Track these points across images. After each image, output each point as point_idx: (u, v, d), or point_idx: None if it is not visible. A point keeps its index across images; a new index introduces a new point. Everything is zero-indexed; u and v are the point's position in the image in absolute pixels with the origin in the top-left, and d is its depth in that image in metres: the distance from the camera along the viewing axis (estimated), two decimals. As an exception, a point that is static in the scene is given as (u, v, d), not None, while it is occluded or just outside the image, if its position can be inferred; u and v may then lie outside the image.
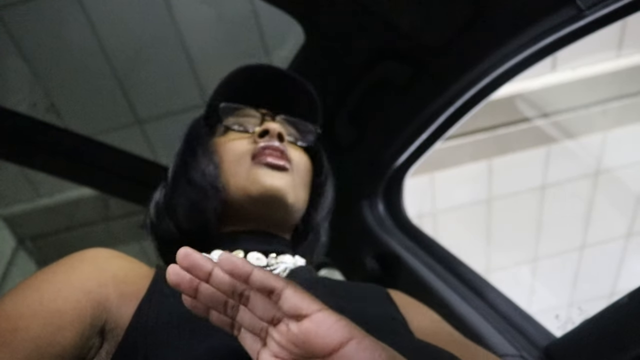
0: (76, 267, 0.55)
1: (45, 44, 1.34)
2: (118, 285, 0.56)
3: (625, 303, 0.66)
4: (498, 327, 0.84)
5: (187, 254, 0.39)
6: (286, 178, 0.69)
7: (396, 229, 1.10)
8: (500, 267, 2.39)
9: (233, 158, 0.71)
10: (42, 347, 0.46)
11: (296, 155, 0.74)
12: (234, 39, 1.41)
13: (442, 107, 0.92)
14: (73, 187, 1.66)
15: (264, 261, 0.66)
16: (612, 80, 1.91)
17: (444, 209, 2.21)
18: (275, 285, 0.37)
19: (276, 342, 0.37)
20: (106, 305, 0.53)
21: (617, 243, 2.41)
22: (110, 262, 0.58)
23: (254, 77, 0.79)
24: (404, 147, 1.01)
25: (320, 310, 0.36)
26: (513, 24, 0.78)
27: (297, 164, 0.73)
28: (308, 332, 0.36)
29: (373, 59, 0.93)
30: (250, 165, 0.69)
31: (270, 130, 0.71)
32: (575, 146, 2.16)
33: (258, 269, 0.38)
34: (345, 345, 0.35)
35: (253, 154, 0.70)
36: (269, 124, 0.72)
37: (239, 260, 0.38)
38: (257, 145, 0.70)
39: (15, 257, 1.75)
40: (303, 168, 0.74)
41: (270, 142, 0.70)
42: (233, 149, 0.72)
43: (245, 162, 0.70)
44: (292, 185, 0.70)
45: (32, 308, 0.49)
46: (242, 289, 0.38)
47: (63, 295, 0.51)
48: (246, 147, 0.71)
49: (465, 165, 2.08)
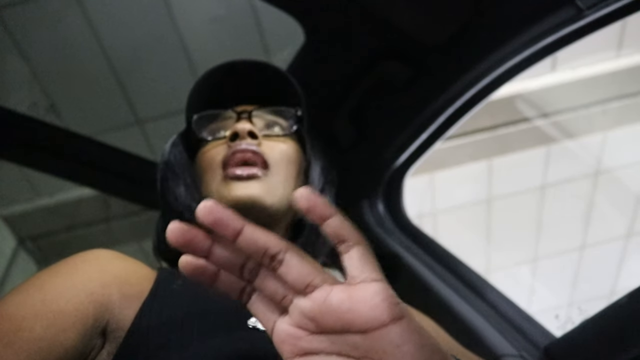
0: (78, 268, 0.55)
1: (45, 44, 1.34)
2: (120, 286, 0.56)
3: (625, 303, 0.66)
4: (498, 327, 0.84)
5: (210, 207, 0.33)
6: (258, 184, 0.66)
7: (396, 229, 1.10)
8: (500, 267, 2.39)
9: (208, 169, 0.70)
10: (45, 348, 0.46)
11: (275, 149, 0.71)
12: (234, 39, 1.41)
13: (442, 107, 0.92)
14: (73, 187, 1.66)
15: None
16: (612, 80, 1.91)
17: (444, 209, 2.20)
18: (349, 237, 0.34)
19: (303, 312, 0.34)
20: (108, 307, 0.53)
21: (617, 243, 2.41)
22: (112, 263, 0.58)
23: (220, 77, 0.76)
24: (404, 147, 1.01)
25: (378, 280, 0.34)
26: (513, 24, 0.78)
27: (276, 156, 0.70)
28: (357, 301, 0.33)
29: (373, 59, 0.93)
30: (221, 177, 0.68)
31: (240, 132, 0.68)
32: (575, 146, 2.16)
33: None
34: (395, 322, 0.32)
35: (224, 161, 0.68)
36: (237, 125, 0.69)
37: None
38: (229, 150, 0.68)
39: (16, 257, 1.75)
40: (285, 158, 0.71)
41: (241, 145, 0.67)
42: (209, 160, 0.70)
43: (217, 173, 0.68)
44: (268, 187, 0.67)
45: (35, 309, 0.49)
46: (278, 250, 0.35)
47: (66, 296, 0.51)
48: (218, 156, 0.69)
49: (465, 165, 2.08)
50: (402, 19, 0.84)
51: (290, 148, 0.73)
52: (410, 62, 0.90)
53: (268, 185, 0.67)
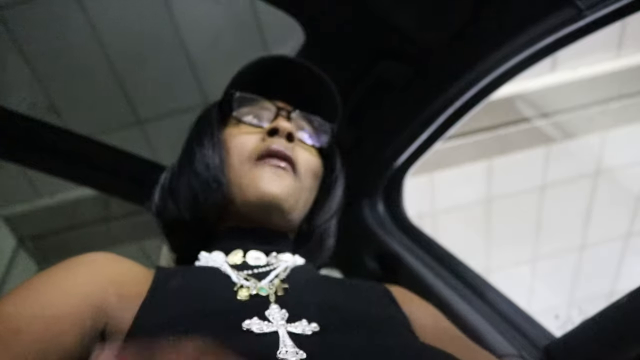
0: (75, 271, 0.55)
1: (45, 44, 1.34)
2: (117, 288, 0.55)
3: (624, 303, 0.66)
4: (498, 327, 0.84)
5: None
6: (286, 182, 0.66)
7: (396, 229, 1.10)
8: (500, 266, 2.39)
9: (238, 153, 0.69)
10: (43, 351, 0.46)
11: (304, 157, 0.71)
12: (234, 39, 1.41)
13: (442, 107, 0.92)
14: (73, 187, 1.66)
15: (264, 260, 0.65)
16: (611, 81, 1.91)
17: (444, 209, 2.21)
18: None
19: None
20: (106, 309, 0.53)
21: (617, 243, 2.41)
22: (108, 266, 0.58)
23: (273, 67, 0.75)
24: (404, 147, 1.01)
25: None
26: (513, 24, 0.78)
27: (304, 166, 0.70)
28: None
29: (373, 59, 0.93)
30: (253, 165, 0.67)
31: (280, 130, 0.68)
32: (575, 146, 2.16)
33: None
34: None
35: (258, 154, 0.67)
36: (280, 122, 0.69)
37: None
38: (264, 144, 0.68)
39: (16, 257, 1.75)
40: (311, 171, 0.71)
41: (277, 146, 0.67)
42: (240, 144, 0.69)
43: (249, 160, 0.68)
44: (292, 191, 0.67)
45: (33, 311, 0.49)
46: None
47: (63, 299, 0.51)
48: (253, 145, 0.69)
49: (465, 165, 2.08)
50: (402, 18, 0.84)
51: (316, 162, 0.73)
52: (410, 62, 0.90)
53: (294, 188, 0.67)
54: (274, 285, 0.59)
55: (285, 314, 0.52)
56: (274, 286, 0.58)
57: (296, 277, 0.63)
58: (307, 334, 0.49)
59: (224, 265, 0.62)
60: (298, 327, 0.50)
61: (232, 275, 0.60)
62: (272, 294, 0.56)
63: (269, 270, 0.63)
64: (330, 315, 0.54)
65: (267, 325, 0.49)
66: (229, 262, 0.63)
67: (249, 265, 0.63)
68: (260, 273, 0.62)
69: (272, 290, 0.57)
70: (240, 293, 0.56)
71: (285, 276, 0.62)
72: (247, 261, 0.64)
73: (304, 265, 0.69)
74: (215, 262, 0.63)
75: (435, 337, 0.61)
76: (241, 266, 0.63)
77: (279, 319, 0.51)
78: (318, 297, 0.59)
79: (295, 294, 0.58)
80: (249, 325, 0.49)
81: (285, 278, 0.62)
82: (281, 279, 0.61)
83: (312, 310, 0.54)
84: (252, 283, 0.58)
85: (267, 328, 0.49)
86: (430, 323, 0.65)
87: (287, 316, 0.52)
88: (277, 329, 0.49)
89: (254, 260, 0.64)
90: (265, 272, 0.62)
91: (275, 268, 0.64)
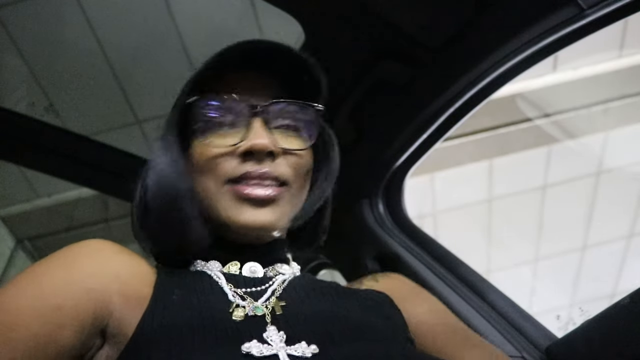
0: (78, 261, 0.54)
1: (44, 44, 1.34)
2: (121, 286, 0.54)
3: (626, 303, 0.66)
4: (499, 327, 0.84)
5: None
6: (271, 209, 0.60)
7: (396, 229, 1.10)
8: (501, 267, 2.39)
9: (207, 173, 0.60)
10: (41, 345, 0.46)
11: (291, 163, 0.62)
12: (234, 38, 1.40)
13: (442, 107, 0.91)
14: (72, 187, 1.66)
15: (261, 272, 0.62)
16: (613, 80, 1.91)
17: (445, 209, 2.20)
18: None
19: None
20: (110, 308, 0.52)
21: (619, 243, 2.41)
22: (114, 258, 0.57)
23: (237, 56, 0.62)
24: (404, 147, 1.01)
25: None
26: (513, 24, 0.78)
27: (293, 174, 0.62)
28: None
29: (373, 59, 0.92)
30: (230, 194, 0.59)
31: (256, 151, 0.58)
32: (577, 146, 2.16)
33: None
34: None
35: (231, 178, 0.59)
36: (255, 140, 0.58)
37: None
38: (241, 168, 0.59)
39: (14, 257, 1.75)
40: (298, 174, 0.63)
41: (257, 169, 0.59)
42: (206, 162, 0.60)
43: (221, 186, 0.60)
44: (281, 210, 0.61)
45: (31, 304, 0.48)
46: None
47: (64, 291, 0.50)
48: (229, 168, 0.59)
49: (466, 165, 2.08)
50: (402, 18, 0.84)
51: (304, 161, 0.64)
52: (410, 62, 0.90)
53: (281, 208, 0.61)
54: (271, 304, 0.57)
55: (284, 336, 0.51)
56: (270, 305, 0.56)
57: (293, 291, 0.61)
58: (307, 357, 0.48)
59: (221, 279, 0.59)
60: (298, 350, 0.49)
61: (228, 294, 0.57)
62: (268, 314, 0.55)
63: (265, 288, 0.60)
64: (329, 332, 0.53)
65: (266, 349, 0.48)
66: (225, 272, 0.61)
67: (245, 279, 0.61)
68: (256, 291, 0.59)
69: (268, 310, 0.55)
70: (236, 313, 0.54)
71: (282, 290, 0.60)
72: (244, 273, 0.62)
73: (301, 276, 0.66)
74: (212, 271, 0.61)
75: (434, 332, 0.62)
76: (237, 279, 0.60)
77: (278, 342, 0.50)
78: (316, 312, 0.58)
79: (293, 312, 0.56)
80: (248, 349, 0.48)
81: (282, 293, 0.60)
82: (277, 296, 0.59)
83: (311, 329, 0.53)
84: (247, 303, 0.56)
85: (267, 351, 0.48)
86: (428, 319, 0.65)
87: (285, 338, 0.51)
88: (277, 351, 0.48)
89: (249, 272, 0.62)
90: (262, 291, 0.59)
91: (272, 283, 0.61)
